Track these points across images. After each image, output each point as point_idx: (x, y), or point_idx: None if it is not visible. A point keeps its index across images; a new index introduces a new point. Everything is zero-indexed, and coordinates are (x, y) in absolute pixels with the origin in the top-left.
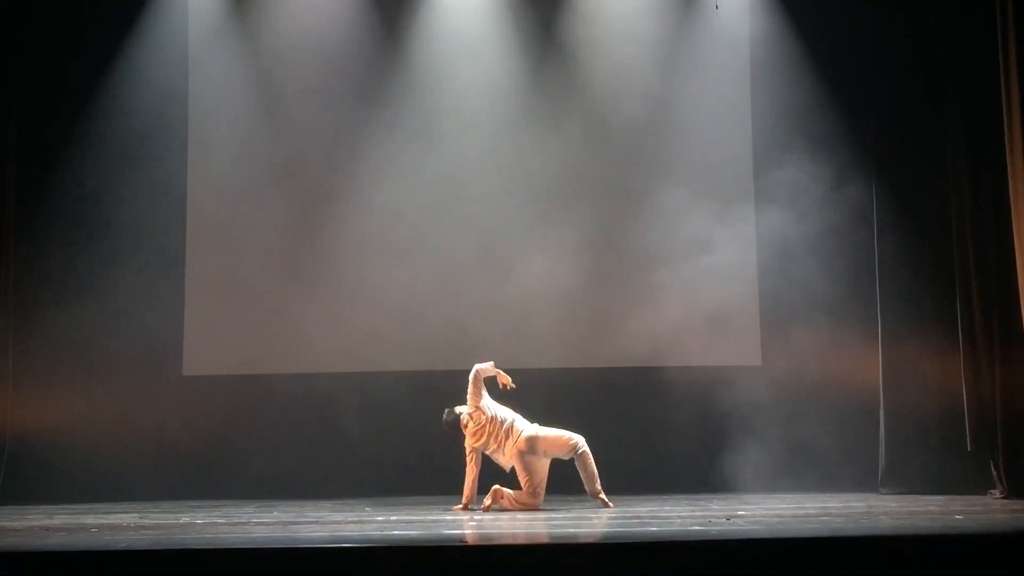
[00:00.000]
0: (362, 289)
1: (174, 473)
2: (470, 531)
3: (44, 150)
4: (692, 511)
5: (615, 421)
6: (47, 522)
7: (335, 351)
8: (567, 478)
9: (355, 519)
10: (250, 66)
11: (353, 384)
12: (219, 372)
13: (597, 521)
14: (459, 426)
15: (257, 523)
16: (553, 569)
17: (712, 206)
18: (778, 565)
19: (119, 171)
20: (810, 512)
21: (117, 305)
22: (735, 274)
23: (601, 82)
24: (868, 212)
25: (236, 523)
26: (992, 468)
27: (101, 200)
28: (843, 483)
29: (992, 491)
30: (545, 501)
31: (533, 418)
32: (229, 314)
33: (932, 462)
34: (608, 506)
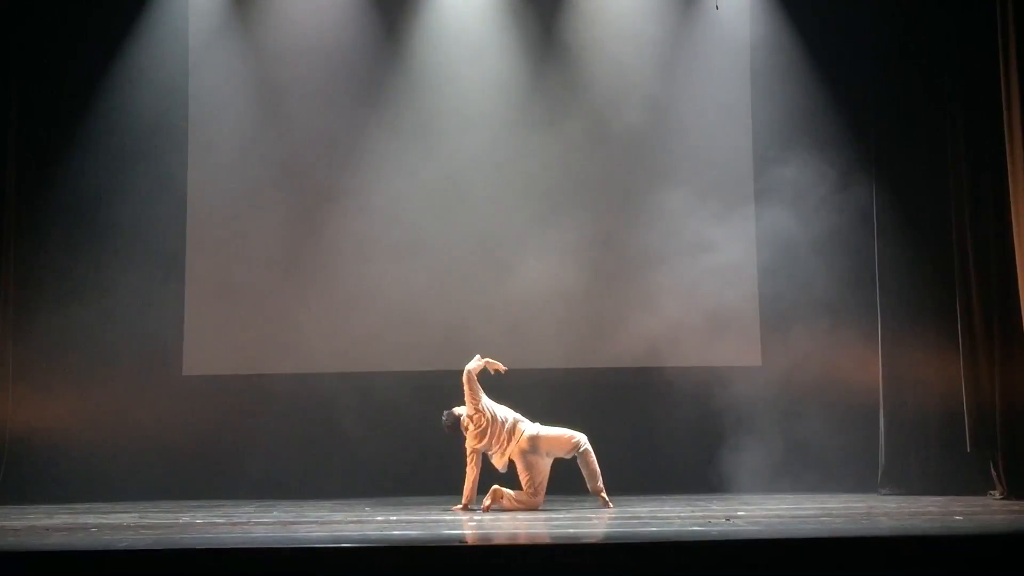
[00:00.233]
0: (362, 289)
1: (174, 473)
2: (470, 531)
3: (44, 150)
4: (692, 511)
5: (615, 421)
6: (47, 522)
7: (335, 351)
8: (567, 478)
9: (355, 519)
10: (251, 66)
11: (353, 384)
12: (219, 372)
13: (597, 521)
14: (459, 428)
15: (257, 523)
16: (553, 569)
17: (712, 206)
18: (777, 566)
19: (119, 171)
20: (809, 513)
21: (117, 305)
22: (735, 274)
23: (601, 82)
24: (868, 212)
25: (236, 523)
26: (992, 469)
27: (101, 200)
28: (843, 483)
29: (992, 492)
30: (545, 501)
31: (533, 418)
32: (229, 314)
33: (932, 463)
34: (608, 506)
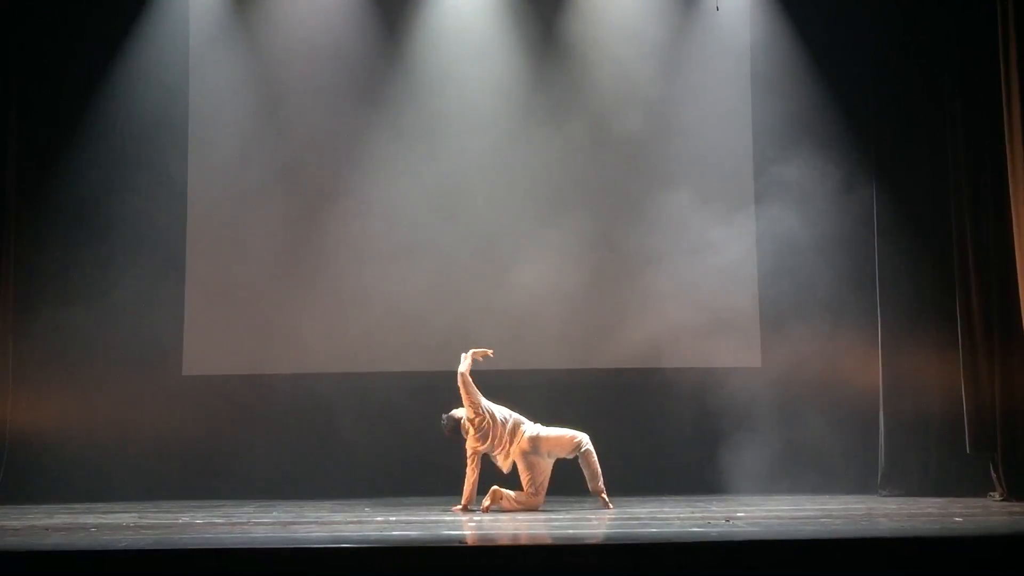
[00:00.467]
0: (362, 289)
1: (173, 473)
2: (469, 532)
3: (44, 150)
4: (691, 512)
5: (615, 422)
6: (47, 522)
7: (335, 352)
8: (566, 479)
9: (354, 519)
10: (251, 66)
11: (353, 385)
12: (219, 372)
13: (597, 522)
14: (460, 431)
15: (256, 523)
16: (553, 570)
17: (713, 207)
18: (777, 567)
19: (119, 171)
20: (809, 514)
21: (117, 305)
22: (735, 275)
23: (602, 84)
24: (869, 213)
25: (235, 523)
26: (991, 470)
27: (101, 200)
28: (842, 485)
29: (991, 493)
30: (545, 502)
31: (534, 419)
32: (229, 314)
33: (932, 464)
34: (608, 507)
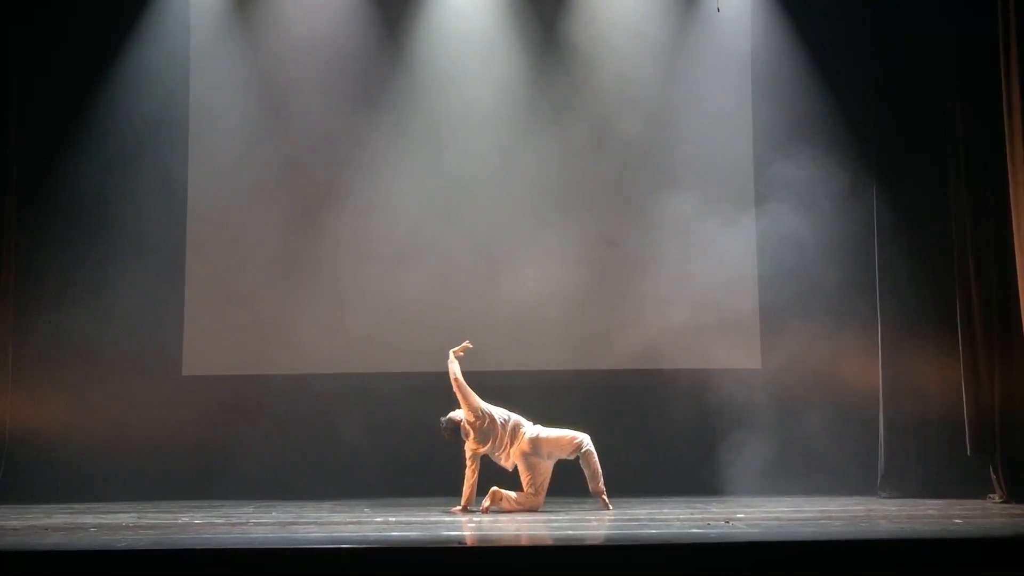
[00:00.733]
0: (362, 291)
1: (173, 473)
2: (469, 532)
3: (44, 150)
4: (691, 514)
5: (615, 423)
6: (46, 521)
7: (335, 352)
8: (566, 480)
9: (354, 520)
10: (252, 66)
11: (353, 386)
12: (219, 372)
13: (596, 523)
14: (460, 434)
15: (256, 523)
16: (552, 571)
17: (713, 210)
18: (777, 568)
19: (119, 171)
20: (809, 515)
21: (117, 305)
22: (735, 277)
23: (603, 86)
24: (869, 216)
25: (235, 523)
26: (991, 472)
27: (101, 200)
28: (842, 486)
29: (991, 495)
30: (544, 503)
31: (535, 420)
32: (229, 315)
33: (931, 466)
34: (608, 508)
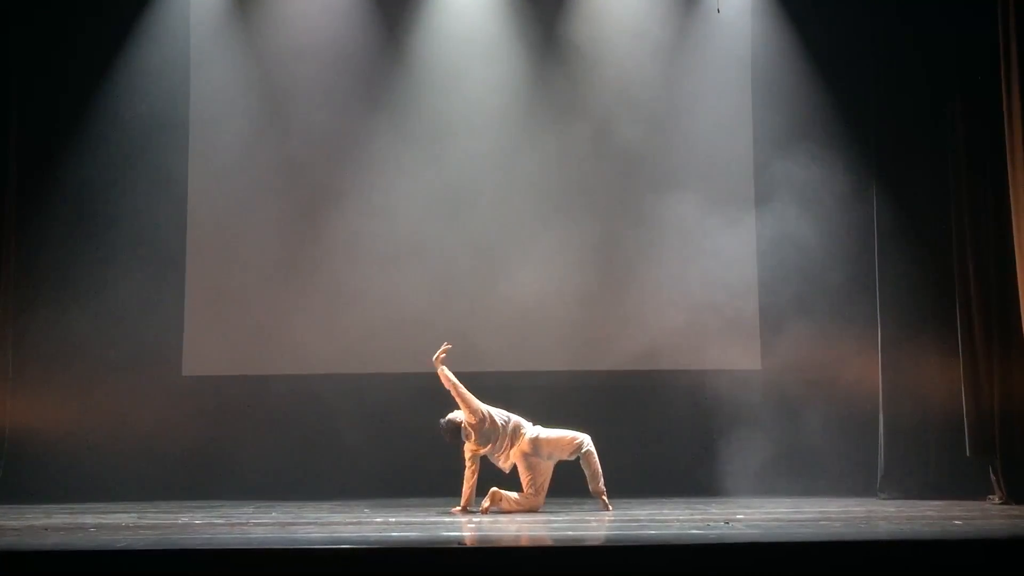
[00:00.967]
0: (362, 291)
1: (173, 473)
2: (469, 533)
3: (45, 150)
4: (691, 514)
5: (615, 424)
6: (45, 521)
7: (335, 353)
8: (565, 480)
9: (353, 520)
10: (252, 66)
11: (353, 386)
12: (218, 373)
13: (596, 523)
14: (460, 435)
15: (255, 524)
16: (552, 571)
17: (713, 211)
18: (776, 569)
19: (119, 171)
20: (808, 516)
21: (117, 305)
22: (735, 278)
23: (603, 86)
24: (869, 217)
25: (234, 523)
26: (991, 473)
27: (101, 200)
28: (842, 487)
29: (991, 496)
30: (544, 503)
31: (534, 421)
32: (229, 315)
33: (931, 467)
34: (608, 508)
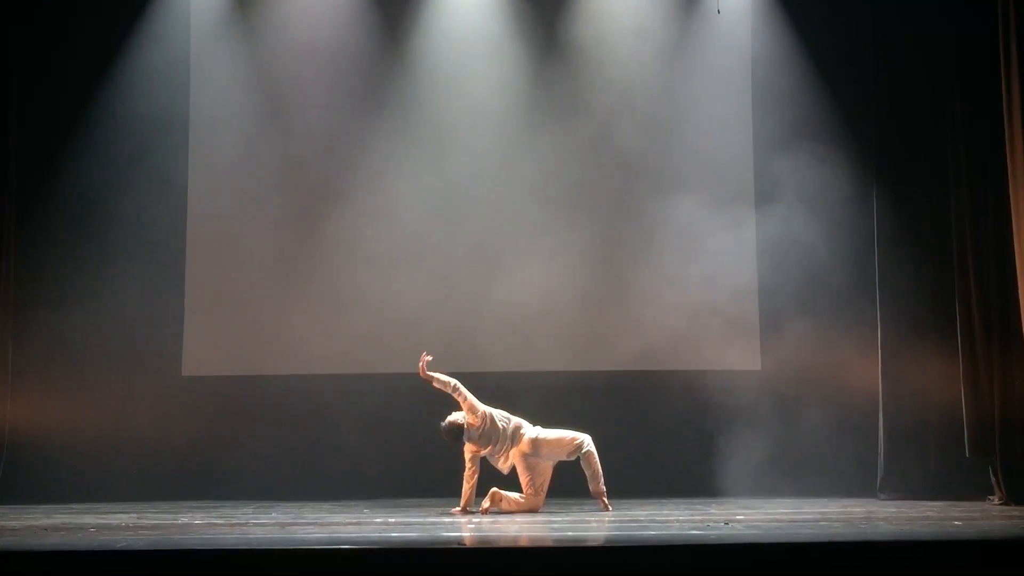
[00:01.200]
0: (363, 292)
1: (172, 473)
2: (468, 533)
3: (45, 151)
4: (690, 515)
5: (615, 424)
6: (45, 522)
7: (335, 353)
8: (565, 481)
9: (353, 521)
10: (252, 66)
11: (353, 386)
12: (218, 373)
13: (596, 524)
14: (460, 436)
15: (255, 524)
16: (551, 572)
17: (713, 212)
18: (776, 570)
19: (119, 171)
20: (808, 517)
21: (117, 305)
22: (735, 279)
23: (603, 87)
24: (869, 217)
25: (234, 524)
26: (991, 474)
27: (101, 200)
28: (842, 488)
29: (991, 497)
30: (544, 504)
31: (534, 422)
32: (229, 315)
33: (931, 468)
34: (608, 509)
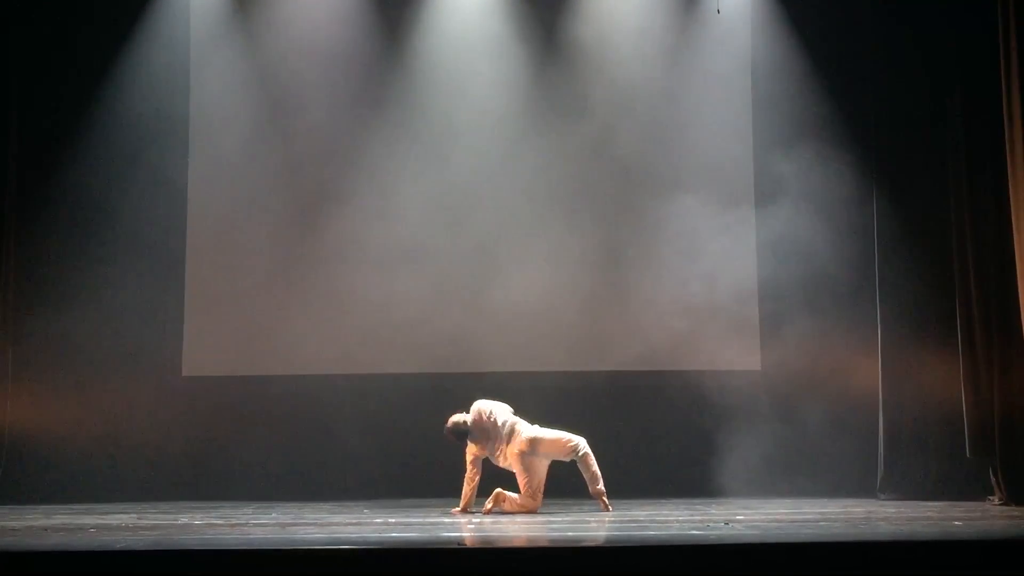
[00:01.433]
0: (363, 292)
1: (172, 474)
2: (468, 534)
3: (45, 151)
4: (690, 515)
5: (615, 425)
6: (45, 522)
7: (335, 353)
8: (565, 481)
9: (353, 521)
10: (252, 67)
11: (353, 386)
12: (218, 373)
13: (596, 524)
14: (464, 438)
15: (255, 524)
16: (551, 572)
17: (713, 212)
18: (776, 570)
19: (119, 171)
20: (808, 517)
21: (117, 305)
22: (735, 279)
23: (603, 88)
24: (869, 217)
25: (234, 524)
26: (991, 474)
27: (101, 200)
28: (842, 488)
29: (991, 497)
30: (544, 504)
31: (534, 422)
32: (229, 316)
33: (931, 468)
34: (608, 509)
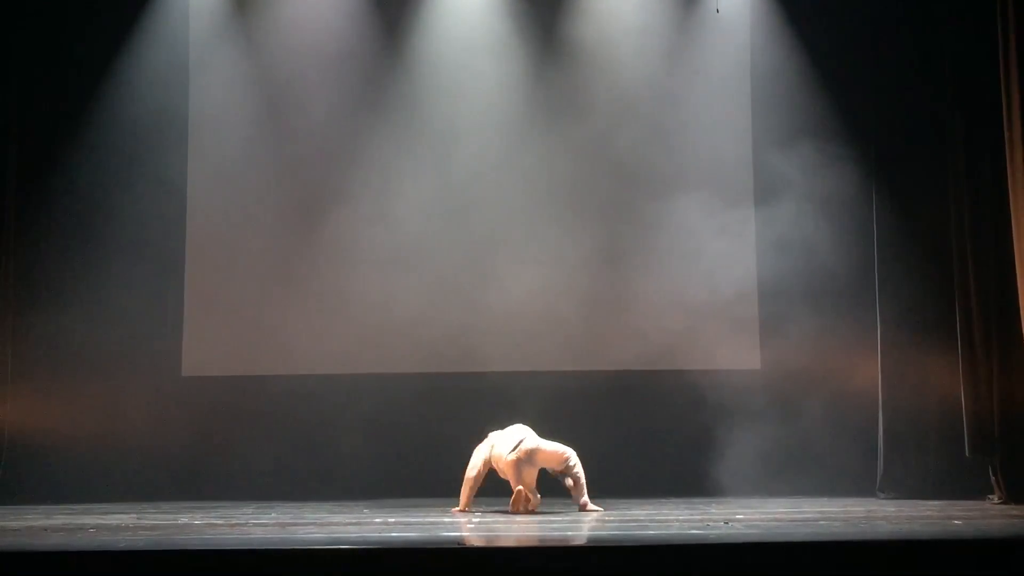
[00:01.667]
0: (363, 292)
1: (172, 473)
2: (468, 533)
3: (45, 151)
4: (690, 515)
5: (614, 424)
6: (45, 522)
7: (335, 353)
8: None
9: (353, 521)
10: (251, 66)
11: (352, 386)
12: (218, 373)
13: (596, 524)
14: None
15: (255, 524)
16: (551, 572)
17: (712, 211)
18: (776, 569)
19: (119, 171)
20: (808, 516)
21: (116, 305)
22: (735, 278)
23: (602, 88)
24: (868, 217)
25: (234, 524)
26: (990, 473)
27: (101, 200)
28: (841, 487)
29: (990, 496)
30: (544, 504)
31: (531, 422)
32: (229, 315)
33: (930, 467)
34: (598, 509)
